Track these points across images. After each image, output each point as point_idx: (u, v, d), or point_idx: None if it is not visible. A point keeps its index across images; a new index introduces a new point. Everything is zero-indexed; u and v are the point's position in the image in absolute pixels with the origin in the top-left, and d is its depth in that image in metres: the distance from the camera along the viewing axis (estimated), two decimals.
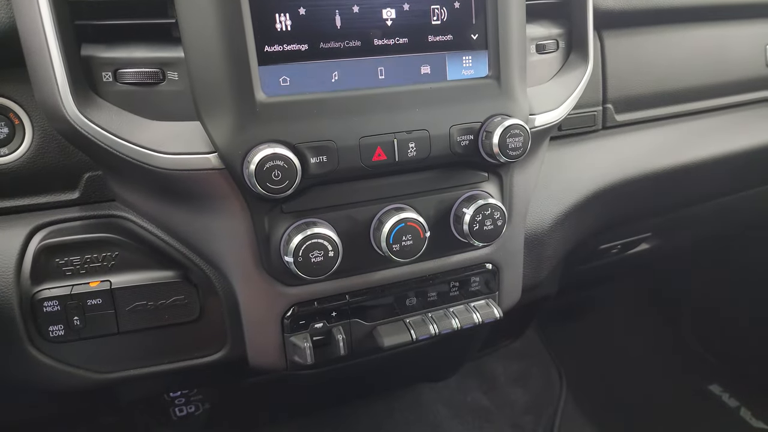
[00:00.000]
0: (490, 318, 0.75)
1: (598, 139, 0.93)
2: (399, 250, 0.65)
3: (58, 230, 0.65)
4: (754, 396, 1.57)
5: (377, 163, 0.63)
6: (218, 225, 0.63)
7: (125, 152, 0.57)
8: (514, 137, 0.65)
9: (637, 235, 1.15)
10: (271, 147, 0.57)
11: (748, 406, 1.57)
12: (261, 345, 0.68)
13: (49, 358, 0.65)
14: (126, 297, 0.65)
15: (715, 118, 1.02)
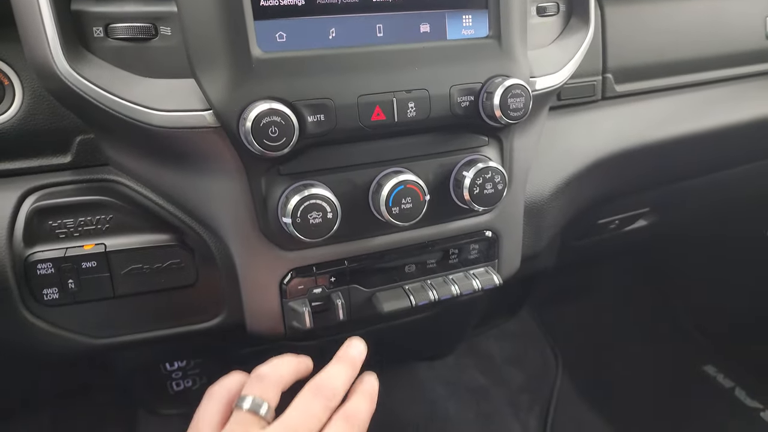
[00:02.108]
0: (489, 285, 0.75)
1: (598, 109, 0.92)
2: (398, 213, 0.64)
3: (51, 193, 0.64)
4: (749, 377, 1.58)
5: (376, 123, 0.62)
6: (214, 187, 0.62)
7: (118, 109, 0.56)
8: (515, 98, 0.64)
9: (635, 210, 1.15)
10: (267, 103, 0.55)
11: (743, 387, 1.58)
12: (259, 310, 0.67)
13: (44, 322, 0.64)
14: (121, 260, 0.64)
15: (714, 90, 1.02)
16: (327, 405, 0.51)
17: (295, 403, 0.51)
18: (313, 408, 0.50)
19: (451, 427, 1.42)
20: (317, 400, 0.51)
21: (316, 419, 0.50)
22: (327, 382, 0.53)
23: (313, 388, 0.52)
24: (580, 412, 1.58)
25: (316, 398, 0.51)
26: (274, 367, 0.55)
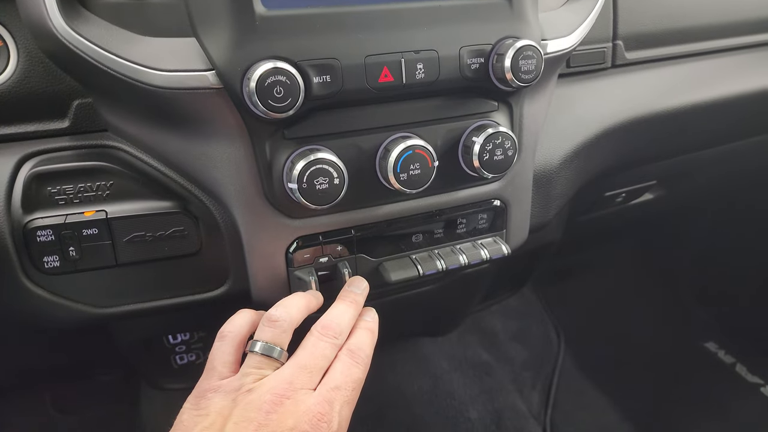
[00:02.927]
0: (497, 254, 0.73)
1: (608, 77, 0.90)
2: (406, 179, 0.63)
3: (49, 159, 0.62)
4: (749, 353, 1.58)
5: (384, 85, 0.60)
6: (216, 152, 0.60)
7: (117, 69, 0.54)
8: (526, 59, 0.62)
9: (641, 182, 1.13)
10: (272, 62, 0.53)
11: (743, 363, 1.59)
12: (264, 279, 0.66)
13: (45, 291, 0.63)
14: (123, 227, 0.62)
15: (726, 58, 0.99)
16: (334, 343, 0.55)
17: (305, 344, 0.54)
18: (321, 348, 0.54)
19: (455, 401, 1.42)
20: (325, 340, 0.55)
21: (325, 358, 0.53)
22: (333, 322, 0.57)
23: (320, 329, 0.56)
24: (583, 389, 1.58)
25: (323, 338, 0.55)
26: (285, 309, 0.57)
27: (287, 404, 0.48)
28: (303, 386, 0.50)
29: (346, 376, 0.52)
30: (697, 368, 1.61)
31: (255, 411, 0.48)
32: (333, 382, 0.52)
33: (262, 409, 0.47)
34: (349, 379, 0.52)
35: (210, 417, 0.49)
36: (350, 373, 0.53)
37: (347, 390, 0.52)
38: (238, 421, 0.47)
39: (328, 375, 0.52)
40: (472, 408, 1.41)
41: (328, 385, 0.51)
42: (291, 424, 0.47)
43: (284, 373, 0.51)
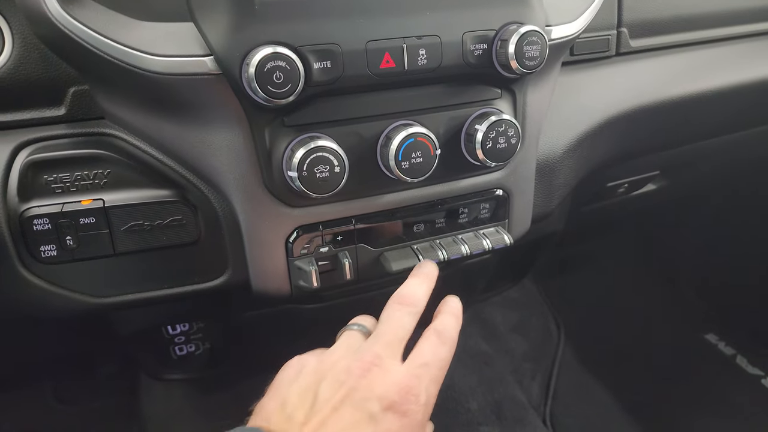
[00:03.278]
0: (500, 244, 0.73)
1: (612, 65, 0.88)
2: (408, 168, 0.62)
3: (45, 146, 0.61)
4: (750, 344, 1.58)
5: (385, 71, 0.59)
6: (215, 139, 0.59)
7: (113, 54, 0.53)
8: (531, 45, 0.61)
9: (645, 172, 1.12)
10: (271, 47, 0.52)
11: (744, 354, 1.59)
12: (264, 269, 0.65)
13: (43, 281, 0.62)
14: (121, 216, 0.62)
15: (732, 46, 0.98)
16: (411, 312, 0.56)
17: (384, 316, 0.56)
18: (398, 318, 0.55)
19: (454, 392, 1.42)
20: (402, 310, 0.56)
21: (404, 328, 0.54)
22: (409, 292, 0.58)
23: (398, 300, 0.57)
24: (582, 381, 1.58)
25: (401, 308, 0.56)
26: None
27: (375, 371, 0.49)
28: (388, 356, 0.51)
29: (433, 354, 0.53)
30: (697, 360, 1.61)
31: (345, 374, 0.49)
32: (421, 358, 0.52)
33: (352, 374, 0.49)
34: (436, 358, 0.53)
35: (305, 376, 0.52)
36: (437, 352, 0.53)
37: (435, 368, 0.52)
38: (330, 383, 0.49)
39: (415, 351, 0.53)
40: (472, 399, 1.41)
41: (417, 361, 0.52)
42: (380, 392, 0.48)
43: (369, 342, 0.53)
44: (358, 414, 0.47)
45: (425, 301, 0.59)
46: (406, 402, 0.48)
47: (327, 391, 0.49)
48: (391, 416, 0.47)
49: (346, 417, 0.47)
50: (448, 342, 0.55)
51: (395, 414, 0.47)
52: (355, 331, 0.57)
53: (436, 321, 0.58)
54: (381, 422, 0.47)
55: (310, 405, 0.48)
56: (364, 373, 0.49)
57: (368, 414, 0.47)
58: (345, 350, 0.53)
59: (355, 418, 0.46)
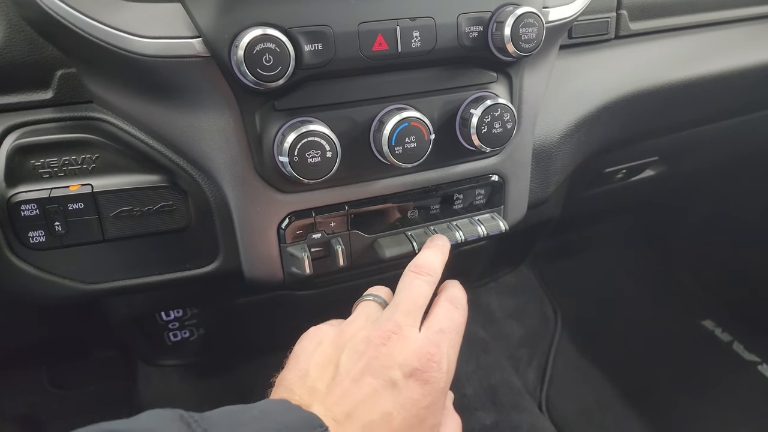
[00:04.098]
0: (495, 231, 0.72)
1: (611, 48, 0.87)
2: (401, 153, 0.61)
3: (33, 131, 0.60)
4: (747, 331, 1.58)
5: (378, 54, 0.57)
6: (205, 123, 0.58)
7: (98, 35, 0.51)
8: (527, 27, 0.60)
9: (643, 158, 1.11)
10: (261, 29, 0.51)
11: (741, 340, 1.59)
12: (256, 256, 0.65)
13: (32, 267, 0.61)
14: (109, 202, 0.61)
15: (733, 29, 0.96)
16: (429, 281, 0.56)
17: (401, 285, 0.56)
18: (417, 286, 0.55)
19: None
20: (420, 278, 0.56)
21: (423, 296, 0.54)
22: (425, 261, 0.58)
23: (414, 268, 0.57)
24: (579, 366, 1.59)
25: (418, 277, 0.56)
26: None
27: (395, 339, 0.49)
28: (408, 324, 0.51)
29: (449, 320, 0.53)
30: (694, 346, 1.61)
31: (365, 344, 0.49)
32: (437, 325, 0.52)
33: (372, 343, 0.49)
34: (453, 324, 0.53)
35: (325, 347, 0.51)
36: (453, 318, 0.54)
37: (452, 333, 0.52)
38: (350, 354, 0.49)
39: (430, 319, 0.53)
40: (468, 384, 1.42)
41: (433, 328, 0.52)
42: (401, 360, 0.48)
43: (388, 312, 0.53)
44: (380, 383, 0.46)
45: (441, 271, 0.59)
46: (427, 369, 0.47)
47: (348, 362, 0.48)
48: (413, 383, 0.47)
49: (367, 386, 0.46)
50: (461, 307, 0.56)
51: (417, 381, 0.47)
52: (371, 301, 0.57)
53: (444, 292, 0.58)
54: (403, 390, 0.46)
55: (332, 376, 0.48)
56: (384, 341, 0.49)
57: (390, 382, 0.46)
58: (364, 320, 0.53)
59: (376, 386, 0.46)
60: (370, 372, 0.47)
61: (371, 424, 0.44)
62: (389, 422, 0.45)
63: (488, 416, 1.34)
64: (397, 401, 0.46)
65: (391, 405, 0.46)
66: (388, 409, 0.45)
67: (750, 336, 1.57)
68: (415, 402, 0.46)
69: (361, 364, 0.48)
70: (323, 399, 0.46)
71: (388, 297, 0.59)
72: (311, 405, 0.46)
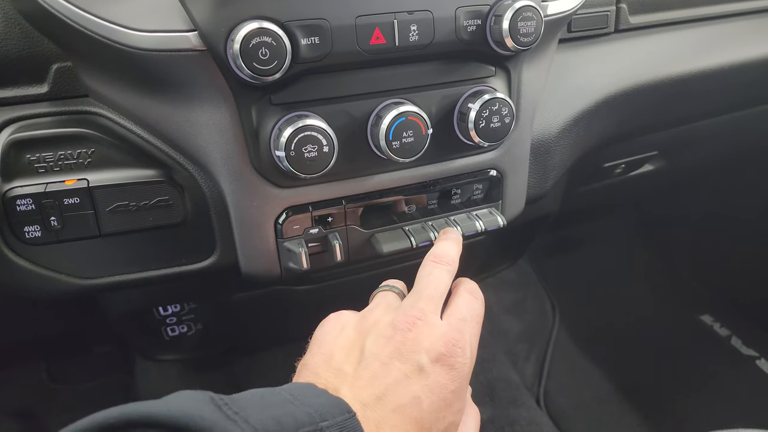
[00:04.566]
0: (493, 226, 0.72)
1: (611, 42, 0.86)
2: (399, 147, 0.61)
3: (28, 125, 0.60)
4: (745, 325, 1.59)
5: (375, 48, 0.57)
6: (201, 117, 0.58)
7: (93, 29, 0.51)
8: (526, 21, 0.59)
9: (642, 153, 1.11)
10: (257, 22, 0.51)
11: (739, 335, 1.59)
12: (253, 251, 0.64)
13: (28, 262, 0.61)
14: (105, 197, 0.60)
15: (733, 23, 0.96)
16: (448, 270, 0.56)
17: (421, 274, 0.56)
18: (437, 274, 0.55)
19: None
20: (439, 267, 0.56)
21: (443, 284, 0.55)
22: (443, 252, 0.58)
23: (433, 258, 0.57)
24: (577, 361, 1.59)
25: (438, 266, 0.56)
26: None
27: (420, 325, 0.49)
28: (431, 311, 0.51)
29: (470, 309, 0.54)
30: (692, 341, 1.61)
31: (391, 329, 0.49)
32: (459, 314, 0.53)
33: (398, 329, 0.49)
34: (474, 313, 0.54)
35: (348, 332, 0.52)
36: (473, 307, 0.54)
37: (473, 322, 0.53)
38: (376, 338, 0.49)
39: (451, 308, 0.53)
40: None
41: (455, 316, 0.52)
42: (427, 345, 0.48)
43: (410, 299, 0.53)
44: (408, 367, 0.47)
45: (458, 261, 0.59)
46: (453, 354, 0.48)
47: (374, 346, 0.49)
48: (439, 368, 0.47)
49: (396, 370, 0.46)
50: (480, 298, 0.56)
51: (443, 366, 0.47)
52: (389, 291, 0.58)
53: (462, 284, 0.58)
54: (430, 374, 0.47)
55: (358, 359, 0.48)
56: (410, 327, 0.49)
57: (417, 366, 0.47)
58: (385, 308, 0.54)
59: (404, 371, 0.46)
60: (398, 356, 0.47)
61: (402, 407, 0.45)
62: (419, 405, 0.45)
63: (486, 411, 1.34)
64: (425, 385, 0.46)
65: (420, 389, 0.46)
66: (416, 393, 0.46)
67: (748, 331, 1.57)
68: (442, 386, 0.47)
69: (388, 348, 0.48)
70: (351, 382, 0.47)
71: (404, 289, 0.59)
72: (339, 388, 0.46)
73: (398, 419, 0.44)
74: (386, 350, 0.48)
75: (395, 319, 0.50)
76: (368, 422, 0.42)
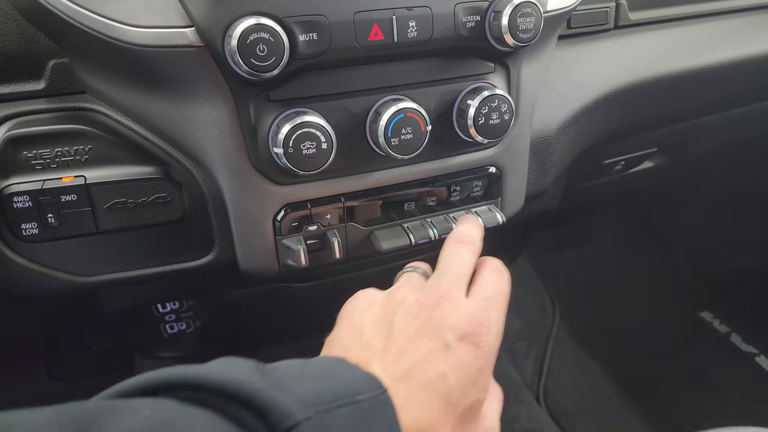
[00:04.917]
0: (492, 223, 0.71)
1: (610, 38, 0.86)
2: (398, 144, 0.60)
3: (25, 122, 0.59)
4: (745, 322, 1.58)
5: (374, 44, 0.57)
6: (199, 114, 0.57)
7: (90, 25, 0.51)
8: (525, 17, 0.59)
9: (642, 150, 1.10)
10: (255, 18, 0.51)
11: (739, 332, 1.59)
12: (252, 248, 0.64)
13: (25, 259, 0.61)
14: (103, 194, 0.60)
15: (734, 20, 0.95)
16: (471, 250, 0.56)
17: (444, 254, 0.56)
18: (461, 254, 0.55)
19: None
20: (463, 247, 0.56)
21: (467, 264, 0.54)
22: (465, 233, 0.58)
23: (456, 239, 0.57)
24: (577, 358, 1.59)
25: (461, 246, 0.56)
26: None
27: (446, 303, 0.49)
28: (456, 290, 0.51)
29: (494, 287, 0.53)
30: (692, 338, 1.61)
31: (417, 307, 0.49)
32: (484, 292, 0.52)
33: (425, 306, 0.49)
34: (498, 291, 0.53)
35: (376, 309, 0.52)
36: (497, 285, 0.54)
37: (498, 301, 0.53)
38: (403, 315, 0.49)
39: (476, 286, 0.53)
40: None
41: (480, 295, 0.52)
42: (453, 323, 0.48)
43: (434, 279, 0.53)
44: (434, 344, 0.47)
45: (480, 242, 0.59)
46: (478, 333, 0.48)
47: (402, 323, 0.49)
48: (465, 346, 0.47)
49: (423, 347, 0.47)
50: (505, 275, 0.56)
51: (469, 344, 0.47)
52: (413, 272, 0.58)
53: (486, 262, 0.57)
54: (456, 352, 0.47)
55: (386, 335, 0.49)
56: (436, 305, 0.49)
57: (444, 344, 0.47)
58: (410, 288, 0.53)
59: (431, 347, 0.47)
60: (425, 333, 0.48)
61: (429, 383, 0.45)
62: (445, 381, 0.46)
63: None
64: (451, 362, 0.46)
65: (446, 366, 0.46)
66: (443, 370, 0.46)
67: (748, 328, 1.57)
68: (468, 364, 0.47)
69: (415, 325, 0.48)
70: (381, 357, 0.47)
71: (428, 270, 0.59)
72: (369, 362, 0.46)
73: (425, 395, 0.44)
74: (413, 327, 0.48)
75: (421, 298, 0.50)
76: (398, 396, 0.43)
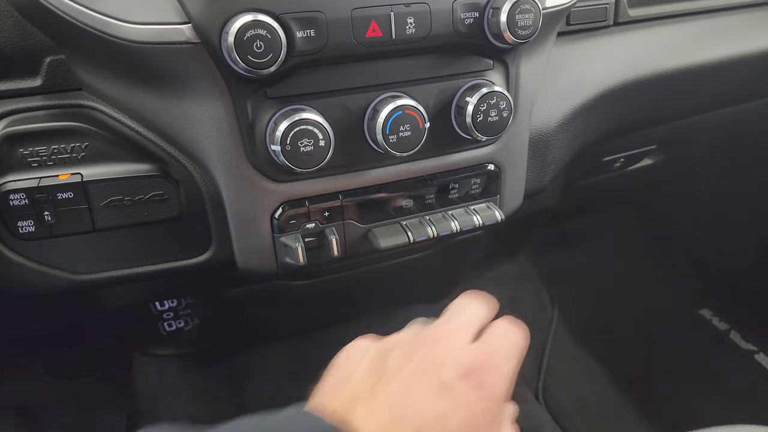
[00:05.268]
0: (491, 220, 0.71)
1: (609, 35, 0.86)
2: (396, 141, 0.60)
3: (21, 119, 0.59)
4: (744, 320, 1.59)
5: (372, 40, 0.57)
6: (196, 111, 0.57)
7: (87, 21, 0.51)
8: (524, 14, 0.59)
9: (641, 147, 1.10)
10: (251, 14, 0.50)
11: (738, 329, 1.59)
12: (249, 246, 0.64)
13: (21, 257, 0.61)
14: (100, 191, 0.60)
15: (732, 17, 0.95)
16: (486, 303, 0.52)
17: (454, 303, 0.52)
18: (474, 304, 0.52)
19: None
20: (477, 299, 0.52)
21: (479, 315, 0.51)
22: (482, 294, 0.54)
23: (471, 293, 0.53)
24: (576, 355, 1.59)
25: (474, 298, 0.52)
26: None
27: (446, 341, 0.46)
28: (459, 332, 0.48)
29: (505, 335, 0.49)
30: (691, 335, 1.61)
31: (416, 345, 0.46)
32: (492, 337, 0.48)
33: (424, 343, 0.46)
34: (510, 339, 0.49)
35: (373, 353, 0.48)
36: (509, 334, 0.49)
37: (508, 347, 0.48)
38: (400, 354, 0.46)
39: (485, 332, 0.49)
40: None
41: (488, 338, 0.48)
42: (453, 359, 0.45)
43: (440, 321, 0.50)
44: (431, 384, 0.43)
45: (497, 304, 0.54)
46: (481, 370, 0.44)
47: (395, 364, 0.45)
48: (466, 385, 0.43)
49: (418, 388, 0.43)
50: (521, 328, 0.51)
51: (471, 384, 0.43)
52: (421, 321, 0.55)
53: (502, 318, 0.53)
54: (455, 393, 0.43)
55: (377, 378, 0.45)
56: (435, 342, 0.46)
57: (442, 383, 0.43)
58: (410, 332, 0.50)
59: (427, 388, 0.43)
60: (420, 372, 0.44)
61: (425, 428, 0.41)
62: (443, 425, 0.42)
63: None
64: (450, 403, 0.42)
65: (445, 407, 0.42)
66: (441, 412, 0.42)
67: (747, 325, 1.57)
68: (470, 405, 0.43)
69: (410, 365, 0.45)
70: (367, 402, 0.43)
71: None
72: (353, 409, 0.42)
73: None
74: (408, 367, 0.44)
75: (422, 335, 0.47)
76: None
